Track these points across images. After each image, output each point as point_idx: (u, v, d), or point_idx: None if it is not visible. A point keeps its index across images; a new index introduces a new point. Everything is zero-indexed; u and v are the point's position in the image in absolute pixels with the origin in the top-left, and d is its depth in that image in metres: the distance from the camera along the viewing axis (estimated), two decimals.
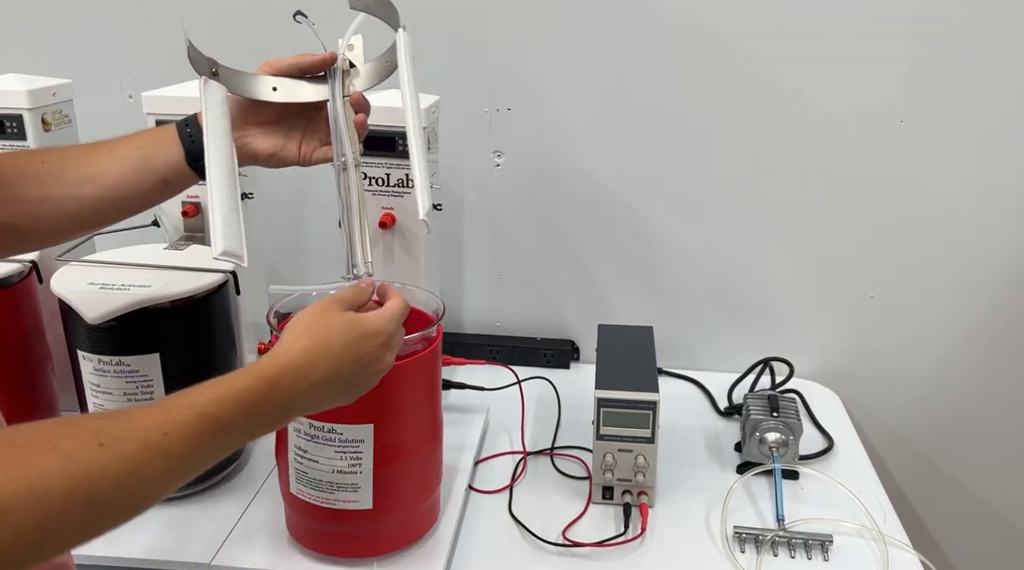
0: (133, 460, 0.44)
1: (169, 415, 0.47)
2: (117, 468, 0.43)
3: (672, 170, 1.14)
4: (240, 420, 0.50)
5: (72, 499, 0.41)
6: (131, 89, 1.18)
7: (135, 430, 0.45)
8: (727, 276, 1.18)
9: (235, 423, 0.50)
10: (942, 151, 1.08)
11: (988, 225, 1.10)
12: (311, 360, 0.56)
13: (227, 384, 0.51)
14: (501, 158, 1.16)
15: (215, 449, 0.49)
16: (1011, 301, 1.13)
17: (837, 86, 1.07)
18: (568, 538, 0.85)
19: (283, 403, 0.54)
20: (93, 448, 0.42)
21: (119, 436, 0.44)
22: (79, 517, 0.41)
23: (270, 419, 0.53)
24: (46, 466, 0.40)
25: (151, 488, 0.45)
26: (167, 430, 0.46)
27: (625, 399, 0.87)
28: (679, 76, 1.09)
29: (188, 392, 0.50)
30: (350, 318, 0.60)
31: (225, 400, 0.50)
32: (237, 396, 0.51)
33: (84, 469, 0.41)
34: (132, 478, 0.43)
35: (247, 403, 0.51)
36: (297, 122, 0.72)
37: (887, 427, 1.21)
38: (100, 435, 0.43)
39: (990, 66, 1.03)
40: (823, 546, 0.84)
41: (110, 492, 0.42)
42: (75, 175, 0.65)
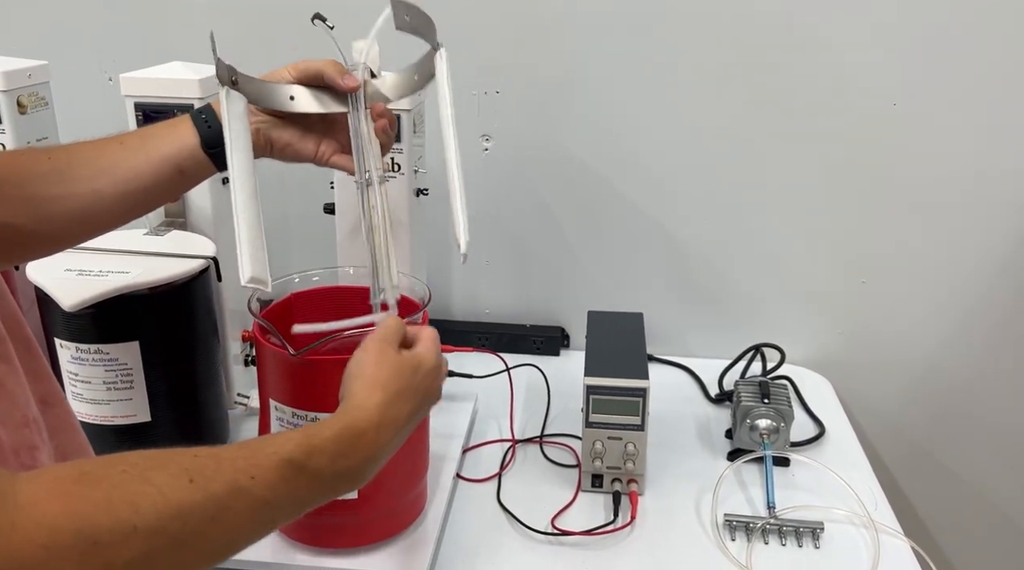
0: (220, 502, 0.42)
1: (256, 459, 0.45)
2: (206, 507, 0.41)
3: (662, 156, 1.12)
4: (326, 470, 0.49)
5: (161, 534, 0.39)
6: (111, 71, 1.15)
7: (223, 471, 0.43)
8: (718, 262, 1.17)
9: (320, 473, 0.49)
10: (935, 136, 1.07)
11: (982, 211, 1.09)
12: (392, 412, 0.55)
13: (313, 433, 0.50)
14: (489, 142, 1.15)
15: (298, 500, 0.48)
16: (1004, 288, 1.12)
17: (829, 70, 1.05)
18: (557, 527, 0.84)
19: (367, 457, 0.53)
20: (184, 484, 0.41)
21: (208, 475, 0.42)
22: (165, 555, 0.40)
23: (353, 473, 0.52)
24: (139, 499, 0.39)
25: (235, 532, 0.44)
26: (254, 474, 0.44)
27: (614, 386, 0.86)
28: (669, 61, 1.08)
29: (275, 438, 0.48)
30: (410, 358, 0.58)
31: (312, 448, 0.48)
32: (323, 445, 0.49)
33: (175, 504, 0.40)
34: (219, 520, 0.42)
35: (332, 453, 0.50)
36: (318, 121, 0.69)
37: (879, 414, 1.21)
38: (190, 472, 0.42)
39: (984, 50, 1.02)
40: (814, 533, 0.83)
41: (196, 532, 0.41)
42: (85, 171, 0.61)
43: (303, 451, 0.48)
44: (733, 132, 1.10)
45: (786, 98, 1.07)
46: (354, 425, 0.52)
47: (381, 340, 0.58)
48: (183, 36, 1.14)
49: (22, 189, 0.59)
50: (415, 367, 0.58)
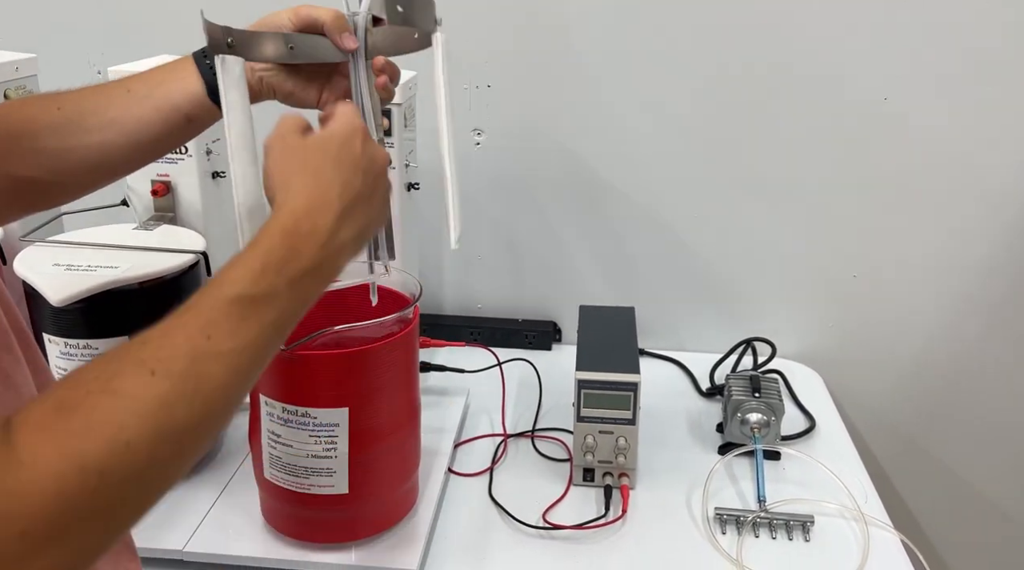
0: (191, 377, 0.41)
1: (204, 315, 0.43)
2: (181, 390, 0.40)
3: (655, 151, 1.12)
4: (279, 285, 0.46)
5: (153, 437, 0.39)
6: (99, 64, 1.14)
7: (177, 345, 0.41)
8: (709, 256, 1.17)
9: (275, 291, 0.45)
10: (926, 130, 1.07)
11: (973, 205, 1.09)
12: (317, 192, 0.51)
13: (246, 258, 0.46)
14: (481, 136, 1.14)
15: (268, 328, 0.45)
16: (995, 281, 1.13)
17: (820, 64, 1.05)
18: (548, 521, 0.85)
19: (314, 247, 0.48)
20: (148, 379, 0.39)
21: (166, 357, 0.41)
22: (170, 451, 0.39)
23: (311, 273, 0.48)
24: (117, 415, 0.38)
25: (223, 396, 0.42)
26: (209, 332, 0.42)
27: (606, 380, 0.86)
28: (661, 56, 1.07)
29: (212, 282, 0.45)
30: (318, 137, 0.54)
31: (252, 273, 0.45)
32: (264, 263, 0.46)
33: (152, 403, 0.39)
34: (200, 392, 0.41)
35: (275, 264, 0.46)
36: (320, 68, 0.66)
37: (869, 407, 1.21)
38: (148, 363, 0.40)
39: (975, 42, 1.02)
40: (804, 527, 0.83)
41: (185, 416, 0.40)
42: (95, 121, 0.60)
43: (246, 281, 0.45)
44: (725, 127, 1.10)
45: (777, 93, 1.07)
46: (283, 224, 0.48)
47: (278, 137, 0.54)
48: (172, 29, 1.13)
49: (35, 142, 0.59)
50: (325, 140, 0.54)
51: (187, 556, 0.77)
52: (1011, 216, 1.09)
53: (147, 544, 0.77)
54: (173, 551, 0.77)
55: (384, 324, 0.74)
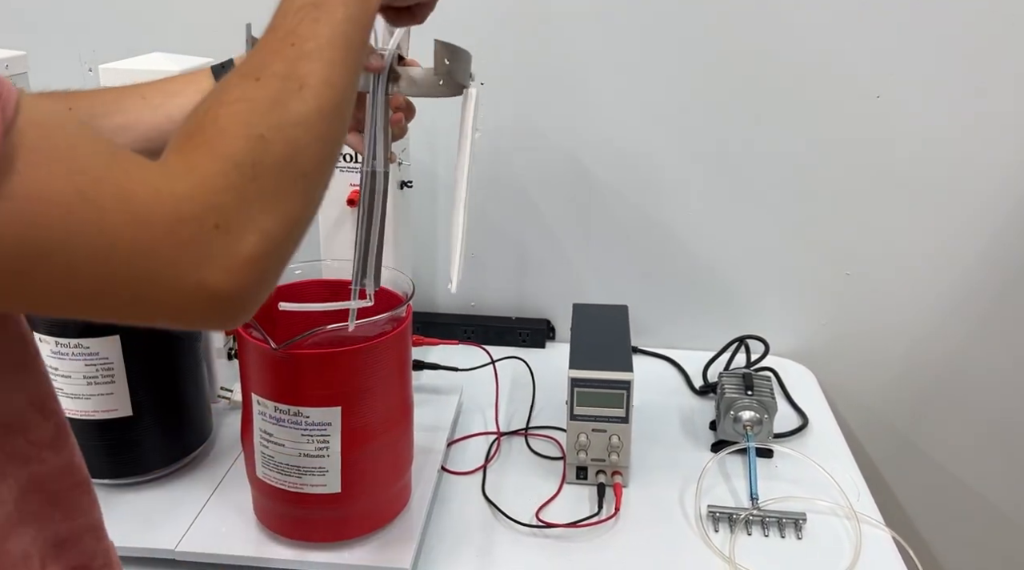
0: (291, 76, 0.44)
1: (280, 29, 0.47)
2: (286, 87, 0.44)
3: (648, 149, 1.12)
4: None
5: (281, 127, 0.42)
6: (91, 62, 1.14)
7: (268, 57, 0.45)
8: (703, 254, 1.17)
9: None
10: (919, 128, 1.07)
11: (966, 202, 1.10)
12: None
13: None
14: (475, 134, 1.14)
15: (340, 24, 0.47)
16: (988, 279, 1.13)
17: (813, 62, 1.05)
18: (541, 519, 0.85)
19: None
20: (254, 84, 0.44)
21: (262, 65, 0.44)
22: (301, 136, 0.43)
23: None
24: (239, 116, 0.42)
25: (328, 85, 0.45)
26: (292, 40, 0.46)
27: (599, 379, 0.86)
28: (654, 54, 1.07)
29: (278, 8, 0.48)
30: None
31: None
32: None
33: (265, 102, 0.43)
34: (307, 87, 0.44)
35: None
36: None
37: (862, 405, 1.21)
38: (248, 75, 0.44)
39: (966, 40, 1.02)
40: (796, 524, 0.84)
41: (299, 108, 0.44)
42: (107, 123, 0.61)
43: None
44: (718, 125, 1.10)
45: (771, 91, 1.07)
46: None
47: None
48: (164, 26, 1.13)
49: None
50: None
51: (179, 555, 0.77)
52: (1004, 215, 1.10)
53: (138, 543, 0.77)
54: (165, 551, 0.77)
55: (377, 323, 0.74)
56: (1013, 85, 1.03)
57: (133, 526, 0.79)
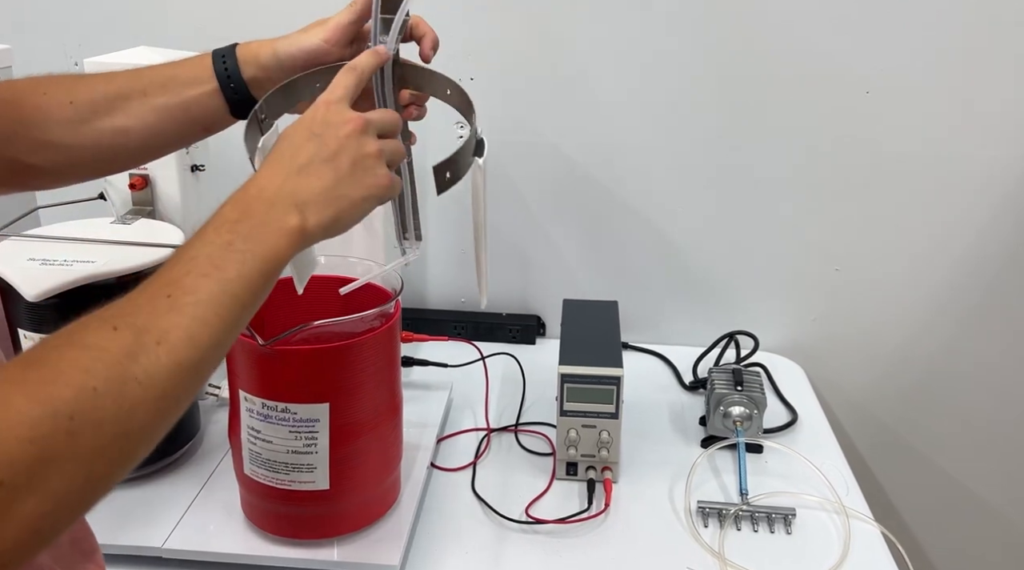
0: (152, 328, 0.42)
1: (163, 277, 0.45)
2: (142, 341, 0.41)
3: (637, 144, 1.12)
4: (234, 241, 0.47)
5: (121, 384, 0.40)
6: (76, 56, 1.13)
7: (139, 303, 0.43)
8: (693, 250, 1.17)
9: (230, 243, 0.47)
10: (908, 123, 1.07)
11: (955, 198, 1.10)
12: (269, 163, 0.53)
13: (203, 228, 0.49)
14: (464, 130, 1.14)
15: (229, 283, 0.46)
16: (977, 274, 1.13)
17: (803, 59, 1.05)
18: (531, 515, 0.84)
19: (263, 204, 0.50)
20: (110, 332, 0.41)
21: (127, 313, 0.42)
22: (138, 398, 0.41)
23: (264, 227, 0.49)
24: (84, 363, 0.39)
25: (190, 346, 0.43)
26: (169, 291, 0.44)
27: (589, 375, 0.86)
28: (644, 50, 1.07)
29: (170, 257, 0.47)
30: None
31: (205, 234, 0.48)
32: (216, 224, 0.48)
33: (115, 353, 0.40)
34: (164, 344, 0.42)
35: (229, 224, 0.48)
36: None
37: (851, 400, 1.22)
38: (111, 320, 0.42)
39: (955, 36, 1.02)
40: (786, 519, 0.84)
41: (150, 365, 0.41)
42: (108, 124, 0.61)
43: (198, 244, 0.47)
44: (707, 120, 1.10)
45: (761, 87, 1.07)
46: (235, 195, 0.51)
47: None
48: (150, 20, 1.12)
49: (45, 134, 0.60)
50: (300, 120, 0.56)
51: (166, 553, 0.76)
52: (993, 210, 1.10)
53: (125, 541, 0.77)
54: (152, 548, 0.76)
55: (365, 319, 0.73)
56: (1002, 82, 1.04)
57: (119, 524, 0.79)
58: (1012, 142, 1.06)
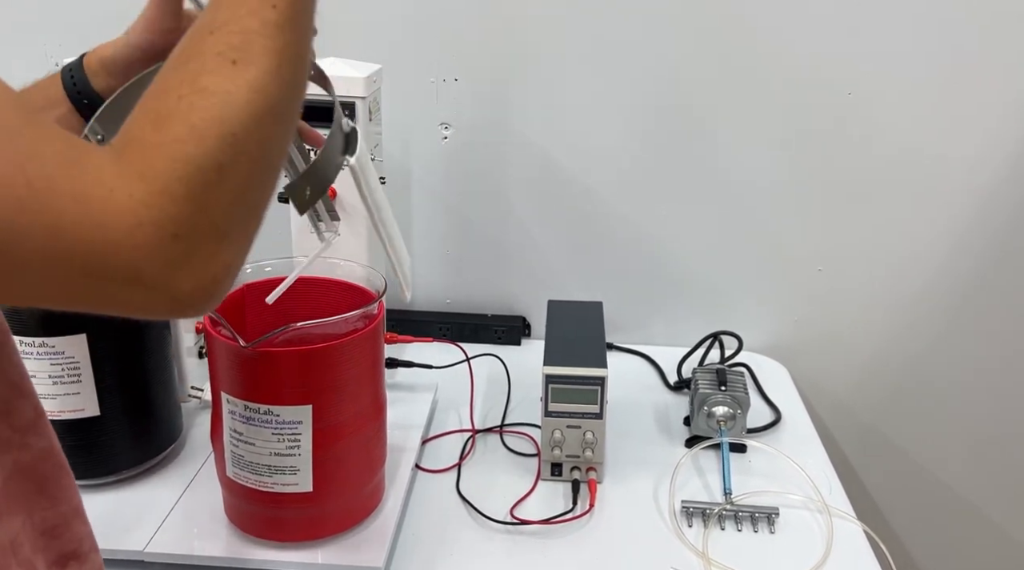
0: (271, 51, 0.42)
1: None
2: (266, 68, 0.41)
3: (622, 145, 1.12)
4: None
5: (257, 120, 0.40)
6: (57, 56, 1.12)
7: (247, 26, 0.42)
8: (677, 250, 1.18)
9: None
10: (890, 124, 1.08)
11: (936, 198, 1.11)
12: None
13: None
14: (448, 130, 1.14)
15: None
16: (958, 274, 1.14)
17: (785, 59, 1.06)
18: (516, 516, 0.84)
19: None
20: (230, 70, 0.40)
21: (239, 44, 0.41)
22: (273, 126, 0.41)
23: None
24: (213, 111, 0.39)
25: (303, 58, 0.44)
26: (274, 2, 0.43)
27: (573, 375, 0.86)
28: (627, 50, 1.07)
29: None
30: None
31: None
32: None
33: (244, 92, 0.40)
34: (285, 64, 0.42)
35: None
36: None
37: (834, 399, 1.23)
38: (225, 54, 0.41)
39: (938, 38, 1.03)
40: (769, 519, 0.84)
41: (277, 91, 0.41)
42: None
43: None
44: (691, 122, 1.10)
45: (743, 88, 1.08)
46: None
47: None
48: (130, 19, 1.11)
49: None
50: None
51: (148, 557, 0.76)
52: (976, 211, 1.11)
53: (106, 545, 0.75)
54: (133, 552, 0.75)
55: (348, 320, 0.73)
56: (985, 83, 1.05)
57: (101, 527, 0.77)
58: (995, 143, 1.07)
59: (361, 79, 0.89)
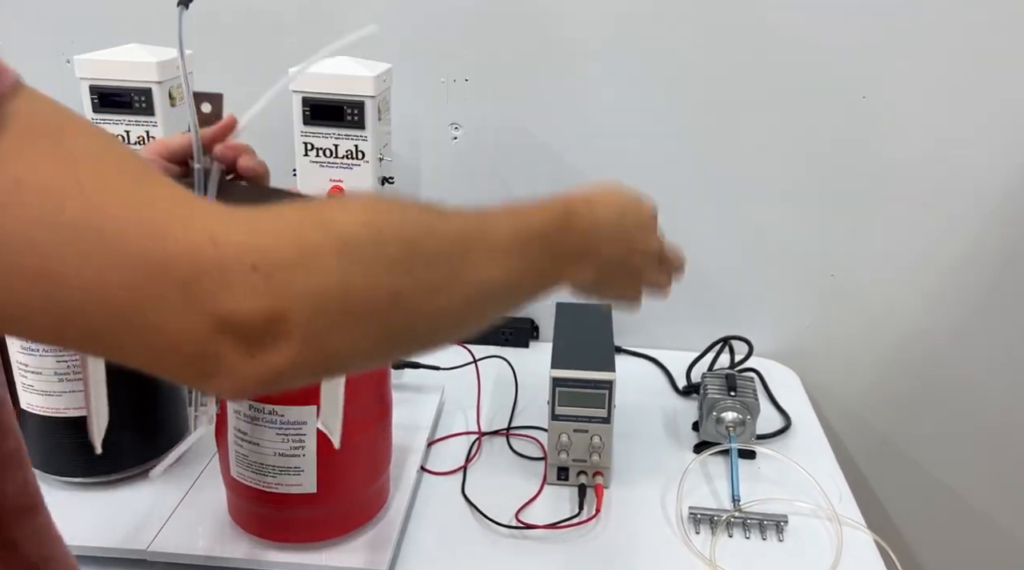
0: (476, 287, 0.45)
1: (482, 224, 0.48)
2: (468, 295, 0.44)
3: (633, 147, 1.11)
4: (551, 234, 0.51)
5: (425, 318, 0.42)
6: (68, 53, 1.12)
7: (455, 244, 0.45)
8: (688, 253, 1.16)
9: (546, 235, 0.50)
10: (905, 128, 1.06)
11: (951, 204, 1.09)
12: (595, 195, 0.56)
13: (525, 214, 0.51)
14: (458, 131, 1.13)
15: (530, 260, 0.49)
16: (973, 280, 1.13)
17: (798, 62, 1.05)
18: (521, 520, 0.84)
19: (586, 228, 0.54)
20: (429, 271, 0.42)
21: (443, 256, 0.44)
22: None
23: (573, 245, 0.53)
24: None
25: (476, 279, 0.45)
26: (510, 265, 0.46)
27: (580, 379, 0.85)
28: (640, 52, 1.07)
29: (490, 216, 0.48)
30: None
31: (531, 227, 0.50)
32: (542, 224, 0.51)
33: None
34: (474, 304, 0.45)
35: (551, 226, 0.52)
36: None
37: (846, 406, 1.21)
38: (439, 260, 0.43)
39: (952, 41, 1.02)
40: (778, 526, 0.83)
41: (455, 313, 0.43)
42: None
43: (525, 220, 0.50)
44: (702, 125, 1.09)
45: (756, 91, 1.07)
46: (559, 199, 0.54)
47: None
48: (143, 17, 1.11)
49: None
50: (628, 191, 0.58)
51: (151, 556, 0.75)
52: (989, 214, 1.09)
53: (109, 543, 0.76)
54: (136, 551, 0.75)
55: None
56: (999, 87, 1.03)
57: (104, 526, 0.78)
58: (1008, 148, 1.06)
59: (371, 78, 0.89)
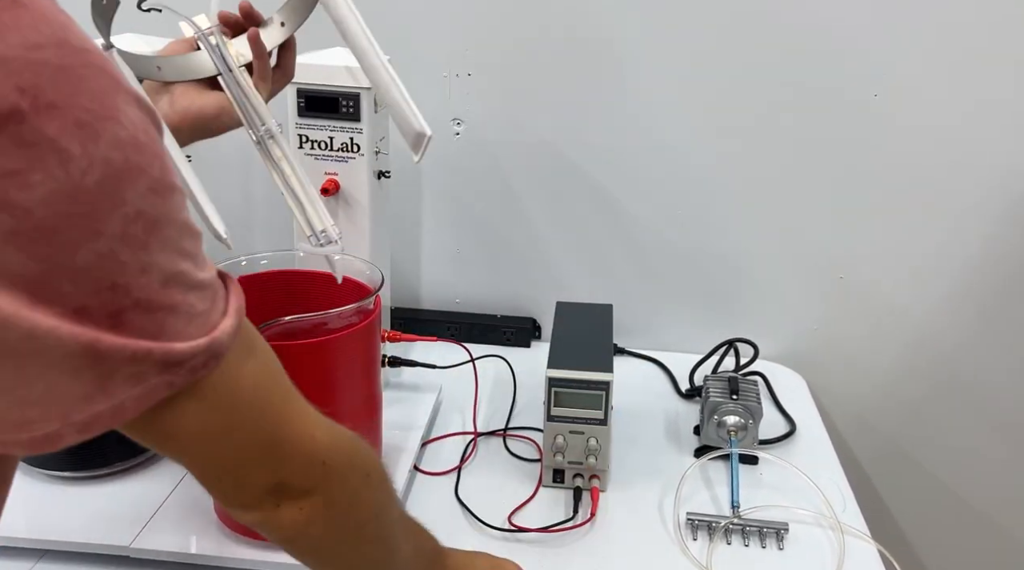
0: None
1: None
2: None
3: (637, 146, 1.09)
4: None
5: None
6: None
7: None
8: (694, 254, 1.14)
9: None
10: (915, 128, 1.04)
11: (959, 206, 1.07)
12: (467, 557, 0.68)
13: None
14: (461, 126, 1.11)
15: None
16: (982, 284, 1.10)
17: (808, 60, 1.02)
18: (513, 523, 0.82)
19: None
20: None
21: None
22: None
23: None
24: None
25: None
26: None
27: (577, 379, 0.83)
28: (644, 52, 1.05)
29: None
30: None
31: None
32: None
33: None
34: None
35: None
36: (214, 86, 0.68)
37: (852, 411, 1.18)
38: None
39: (963, 41, 0.99)
40: (778, 534, 0.81)
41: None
42: None
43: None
44: (709, 126, 1.07)
45: (765, 92, 1.05)
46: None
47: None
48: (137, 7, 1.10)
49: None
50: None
51: (133, 553, 0.74)
52: (998, 218, 1.07)
53: (91, 539, 0.75)
54: (118, 547, 0.74)
55: (342, 315, 0.71)
56: (1010, 88, 1.00)
57: (89, 521, 0.77)
58: (1019, 149, 1.03)
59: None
